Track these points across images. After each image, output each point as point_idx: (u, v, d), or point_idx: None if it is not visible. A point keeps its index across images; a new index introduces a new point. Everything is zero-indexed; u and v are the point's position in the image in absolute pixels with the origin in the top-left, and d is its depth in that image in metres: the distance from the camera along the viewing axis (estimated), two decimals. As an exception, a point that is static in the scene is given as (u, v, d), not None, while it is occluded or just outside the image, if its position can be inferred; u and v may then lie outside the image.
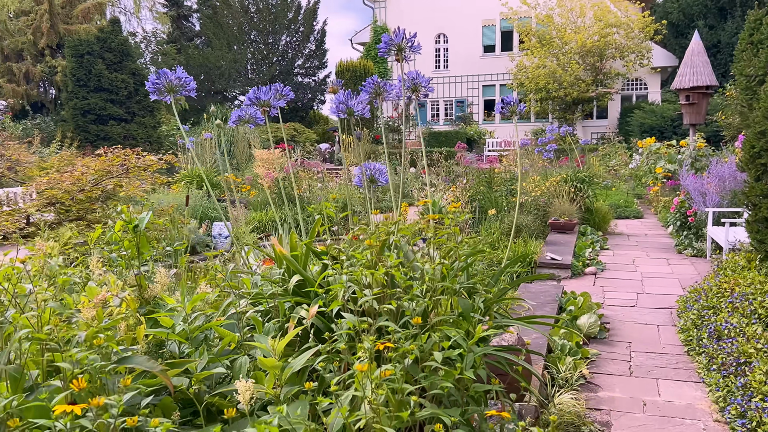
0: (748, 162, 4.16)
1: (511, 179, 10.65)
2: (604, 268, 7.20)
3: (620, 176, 15.38)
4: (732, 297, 4.04)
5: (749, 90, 3.74)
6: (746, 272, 4.45)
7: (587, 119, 26.25)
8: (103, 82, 16.60)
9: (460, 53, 27.92)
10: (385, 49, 2.16)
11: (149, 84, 2.07)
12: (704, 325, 4.16)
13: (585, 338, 4.60)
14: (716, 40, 23.35)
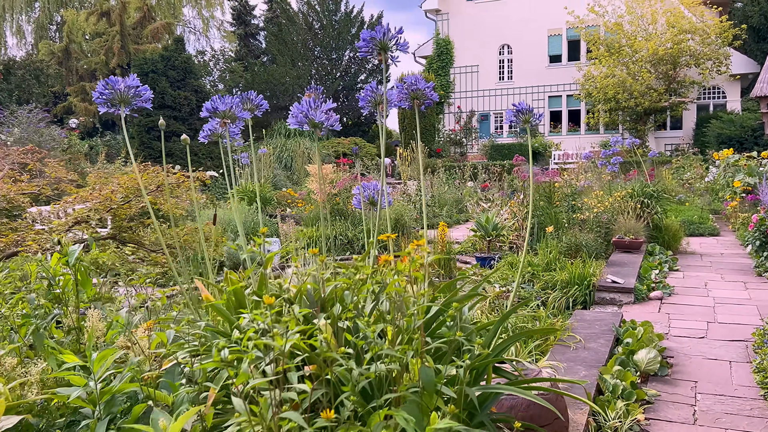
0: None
1: (573, 194, 10.07)
2: (671, 292, 6.56)
3: (695, 190, 14.40)
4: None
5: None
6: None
7: (660, 130, 25.01)
8: (167, 99, 16.99)
9: (525, 64, 27.25)
10: (366, 48, 1.84)
11: (96, 94, 1.83)
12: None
13: (643, 376, 4.09)
14: (803, 44, 21.79)
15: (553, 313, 6.01)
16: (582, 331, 4.69)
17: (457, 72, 28.56)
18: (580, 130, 26.73)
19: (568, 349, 4.26)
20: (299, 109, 1.66)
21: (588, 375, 3.73)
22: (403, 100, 1.98)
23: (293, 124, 1.70)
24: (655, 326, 5.28)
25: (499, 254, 8.70)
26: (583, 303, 6.26)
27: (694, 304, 6.07)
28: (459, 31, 28.18)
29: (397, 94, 1.96)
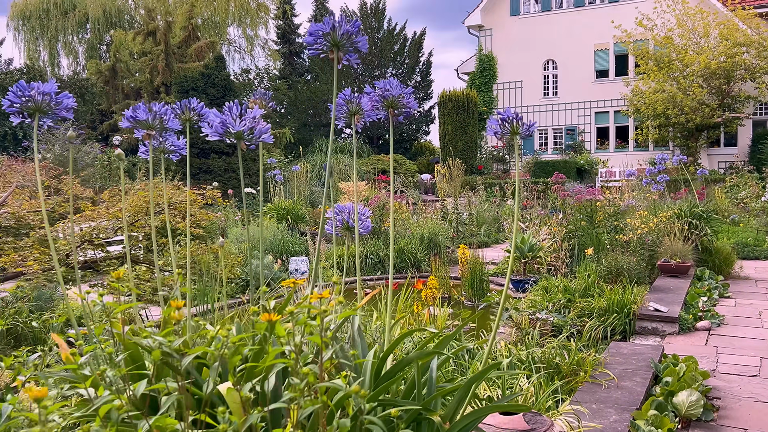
0: None
1: (616, 214, 9.56)
2: (721, 322, 6.02)
3: (750, 210, 13.59)
4: None
5: None
6: None
7: (713, 147, 23.98)
8: (207, 116, 17.12)
9: (570, 79, 26.63)
10: (315, 44, 1.56)
11: (5, 101, 1.59)
12: None
13: (684, 421, 3.64)
14: None
15: (590, 343, 5.58)
16: (617, 366, 4.26)
17: (501, 88, 28.13)
18: (628, 147, 25.88)
19: (599, 387, 3.84)
20: (218, 118, 1.38)
21: (619, 420, 3.32)
22: (377, 109, 1.69)
23: (211, 135, 1.43)
24: (700, 361, 4.80)
25: (535, 277, 8.26)
26: (622, 332, 5.80)
27: (747, 336, 5.53)
28: (502, 46, 27.79)
29: (367, 102, 1.67)
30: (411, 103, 1.70)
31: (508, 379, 3.45)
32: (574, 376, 4.03)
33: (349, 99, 1.77)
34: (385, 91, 1.64)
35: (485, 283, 8.50)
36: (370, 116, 1.76)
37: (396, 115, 1.71)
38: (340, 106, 1.76)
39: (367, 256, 10.35)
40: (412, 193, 20.31)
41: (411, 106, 1.71)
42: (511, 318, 5.24)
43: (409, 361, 1.52)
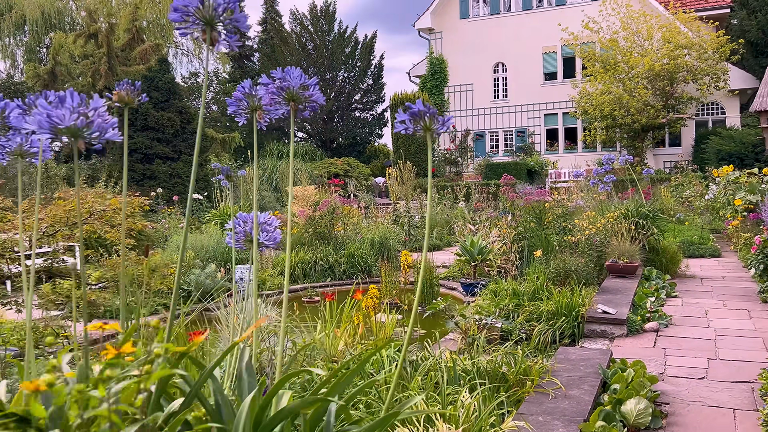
0: None
1: (564, 215, 9.54)
2: (668, 322, 5.99)
3: (694, 209, 13.86)
4: (838, 386, 2.90)
5: None
6: None
7: (658, 147, 24.54)
8: (150, 120, 16.56)
9: (520, 81, 26.89)
10: (182, 20, 1.32)
11: None
12: (798, 421, 3.02)
13: (632, 430, 3.51)
14: (802, 58, 21.38)
15: (539, 347, 5.46)
16: (565, 374, 4.12)
17: (452, 91, 28.21)
18: (577, 148, 26.27)
19: (546, 397, 3.69)
20: (45, 111, 1.14)
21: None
22: (278, 103, 1.47)
23: (39, 132, 1.18)
24: (649, 364, 4.72)
25: (485, 280, 8.15)
26: (571, 336, 5.69)
27: (694, 336, 5.50)
28: (453, 49, 27.87)
29: (265, 94, 1.44)
30: (316, 96, 1.48)
31: (450, 395, 3.26)
32: (521, 386, 3.87)
33: (249, 92, 1.54)
34: (284, 81, 1.41)
35: (435, 288, 8.36)
36: (274, 113, 1.53)
37: (300, 110, 1.48)
38: (239, 101, 1.53)
39: (316, 262, 10.08)
40: (365, 197, 20.13)
41: (316, 99, 1.49)
42: (457, 325, 5.07)
43: (289, 412, 1.28)
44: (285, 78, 1.41)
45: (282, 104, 1.47)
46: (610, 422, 3.31)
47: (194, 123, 17.26)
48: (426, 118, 1.28)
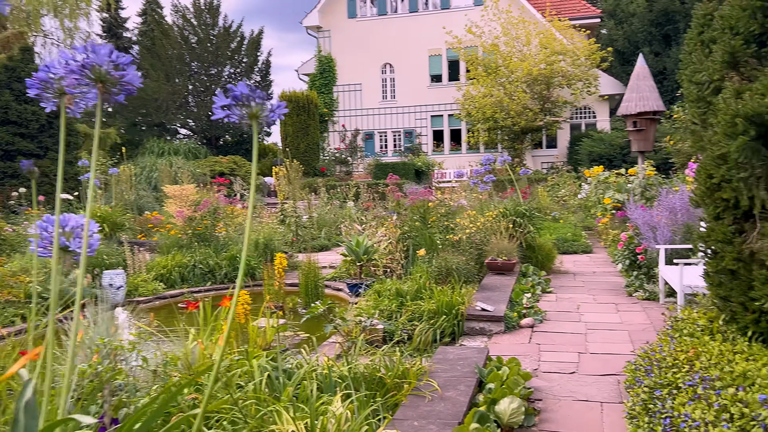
0: (704, 196, 3.19)
1: (447, 214, 9.67)
2: (543, 318, 6.18)
3: (568, 207, 14.60)
4: (693, 378, 3.02)
5: (702, 101, 2.79)
6: (707, 338, 3.45)
7: (537, 149, 25.77)
8: (11, 114, 15.19)
9: (407, 83, 27.29)
10: None
11: None
12: (657, 413, 3.12)
13: (506, 430, 3.52)
14: (662, 67, 23.21)
15: (420, 347, 5.43)
16: (442, 375, 4.08)
17: (341, 90, 28.15)
18: (461, 149, 27.04)
19: (423, 400, 3.62)
20: None
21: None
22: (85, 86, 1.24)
23: None
24: (524, 360, 4.81)
25: (370, 280, 8.08)
26: (451, 335, 5.72)
27: (566, 331, 5.69)
28: (341, 48, 27.81)
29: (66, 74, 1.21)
30: (131, 76, 1.26)
31: (324, 404, 3.10)
32: (398, 390, 3.79)
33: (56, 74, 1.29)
34: (89, 59, 1.19)
35: (321, 289, 8.18)
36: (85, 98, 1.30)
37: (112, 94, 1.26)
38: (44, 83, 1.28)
39: (195, 265, 9.59)
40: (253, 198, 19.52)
41: (131, 80, 1.27)
42: (337, 329, 4.93)
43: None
44: (91, 55, 1.19)
45: (91, 86, 1.24)
46: (484, 423, 3.28)
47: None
48: (252, 103, 1.11)
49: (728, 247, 3.02)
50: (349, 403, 3.13)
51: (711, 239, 3.21)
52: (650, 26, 24.99)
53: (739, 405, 2.44)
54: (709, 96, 2.87)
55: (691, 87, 3.03)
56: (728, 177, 2.68)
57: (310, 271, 7.88)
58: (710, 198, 3.12)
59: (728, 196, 2.77)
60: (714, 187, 3.00)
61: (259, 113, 1.16)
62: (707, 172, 2.94)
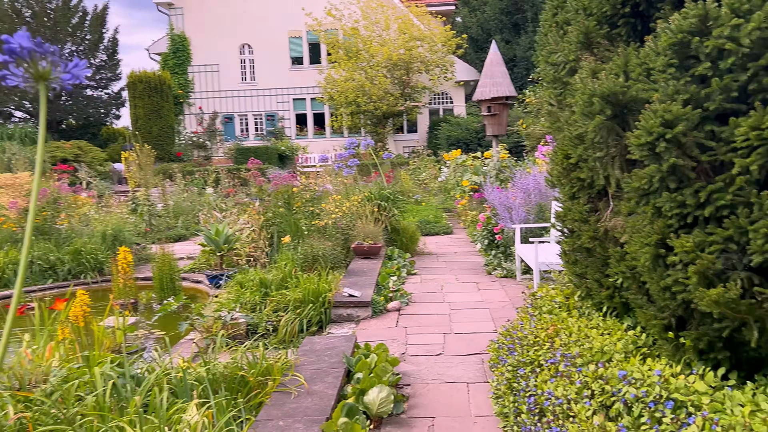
0: (560, 176, 3.25)
1: (312, 199, 9.47)
2: (409, 300, 6.20)
3: (430, 190, 14.96)
4: (555, 355, 3.08)
5: (558, 82, 2.82)
6: (564, 314, 3.57)
7: (398, 133, 26.20)
8: None
9: (268, 65, 26.56)
10: None
11: None
12: (521, 391, 3.16)
13: (376, 421, 3.42)
14: (512, 54, 24.41)
15: (286, 339, 5.22)
16: (309, 367, 3.91)
17: (197, 71, 26.83)
18: (325, 134, 26.87)
19: (288, 397, 3.43)
20: None
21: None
22: None
23: None
24: (392, 345, 4.76)
25: (232, 270, 7.70)
26: (319, 323, 5.57)
27: (432, 312, 5.74)
28: (196, 27, 26.46)
29: None
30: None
31: (174, 415, 2.81)
32: (262, 388, 3.56)
33: None
34: None
35: (177, 282, 7.68)
36: None
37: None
38: None
39: (33, 261, 8.64)
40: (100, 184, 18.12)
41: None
42: (193, 326, 4.59)
43: None
44: None
45: None
46: (353, 416, 3.16)
47: None
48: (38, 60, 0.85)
49: (584, 225, 3.10)
50: (206, 408, 2.87)
51: (567, 218, 3.29)
52: (501, 14, 26.20)
53: (600, 381, 2.50)
54: (565, 77, 2.91)
55: (548, 68, 3.06)
56: (585, 156, 2.72)
57: (165, 264, 7.36)
58: (566, 178, 3.19)
59: (585, 176, 2.83)
60: (570, 167, 3.06)
61: (48, 74, 0.90)
62: (564, 153, 2.99)
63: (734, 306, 2.05)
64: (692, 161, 2.16)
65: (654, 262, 2.43)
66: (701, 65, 2.10)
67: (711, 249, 2.14)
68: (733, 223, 2.06)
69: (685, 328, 2.51)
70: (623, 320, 3.17)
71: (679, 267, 2.28)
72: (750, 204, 2.04)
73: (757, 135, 1.95)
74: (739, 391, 2.23)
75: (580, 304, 3.62)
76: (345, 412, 3.17)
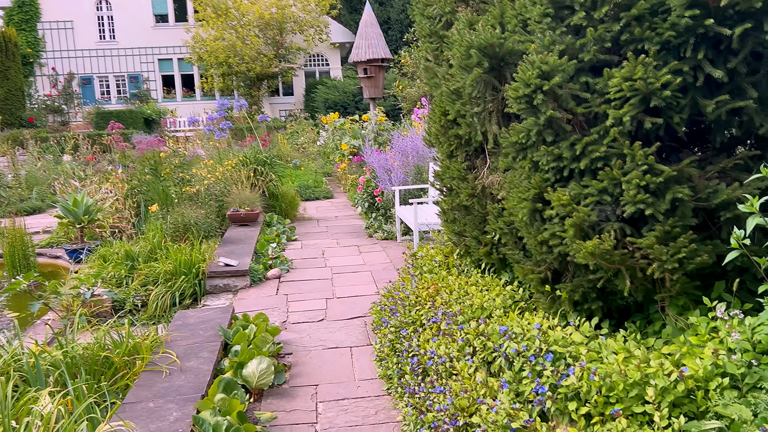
0: (438, 134, 3.20)
1: (182, 165, 8.95)
2: (290, 267, 6.03)
3: (309, 155, 14.69)
4: (436, 314, 3.07)
5: (435, 36, 2.73)
6: (445, 272, 3.58)
7: (274, 96, 25.49)
8: None
9: (129, 22, 24.68)
10: None
11: None
12: (405, 352, 3.13)
13: (257, 393, 3.27)
14: (386, 16, 24.34)
15: (157, 314, 4.89)
16: (182, 343, 3.66)
17: (48, 28, 24.43)
18: (195, 96, 25.59)
19: (159, 376, 3.18)
20: None
21: (181, 418, 2.72)
22: None
23: None
24: (273, 314, 4.59)
25: (95, 243, 7.12)
26: (193, 296, 5.28)
27: (313, 278, 5.61)
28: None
29: None
30: None
31: (25, 405, 2.49)
32: (129, 368, 3.29)
33: None
34: None
35: (31, 259, 6.99)
36: None
37: None
38: None
39: None
40: None
41: None
42: (48, 305, 4.16)
43: None
44: None
45: None
46: (230, 392, 2.98)
47: None
48: None
49: (462, 183, 3.08)
50: (62, 396, 2.58)
51: (446, 177, 3.25)
52: (375, -24, 25.96)
53: (482, 338, 2.49)
54: (441, 30, 2.82)
55: (424, 21, 2.96)
56: (463, 112, 2.67)
57: (17, 239, 6.67)
58: (444, 136, 3.14)
59: (463, 132, 2.78)
60: (448, 124, 3.00)
61: None
62: (442, 109, 2.92)
63: (608, 257, 2.09)
64: (568, 113, 2.16)
65: (531, 217, 2.44)
66: (576, 15, 2.08)
67: (586, 201, 2.16)
68: (607, 174, 2.08)
69: (560, 281, 2.55)
70: (501, 276, 3.21)
71: (556, 221, 2.30)
72: (623, 155, 2.06)
73: (630, 86, 1.96)
74: (612, 338, 2.30)
75: (460, 262, 3.64)
76: (222, 388, 2.98)
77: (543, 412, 2.13)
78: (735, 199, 2.00)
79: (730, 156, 2.14)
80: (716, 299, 2.13)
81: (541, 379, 2.14)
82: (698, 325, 2.04)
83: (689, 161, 2.05)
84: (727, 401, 1.72)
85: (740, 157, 2.06)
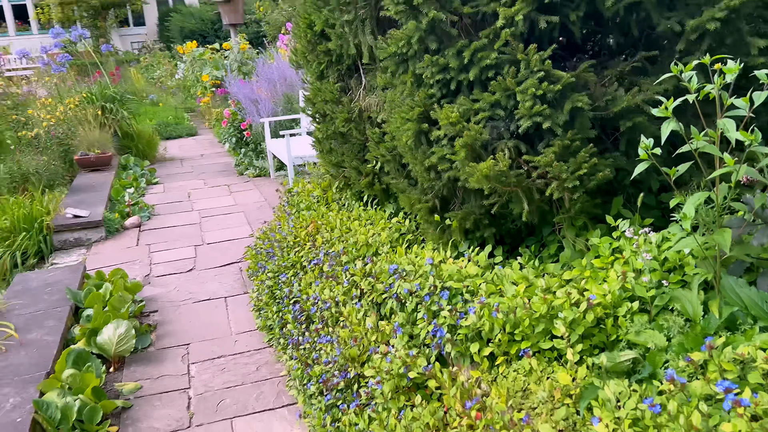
0: (306, 51, 2.81)
1: (16, 106, 7.84)
2: (151, 213, 5.45)
3: (167, 89, 13.54)
4: (318, 255, 2.76)
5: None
6: (324, 208, 3.26)
7: (123, 27, 23.24)
8: None
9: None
10: None
11: None
12: (285, 298, 2.83)
13: (117, 361, 2.84)
14: (243, -62, 22.63)
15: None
16: (24, 311, 3.13)
17: None
18: (32, 29, 22.78)
19: None
20: None
21: (20, 404, 2.27)
22: None
23: None
24: (133, 268, 4.09)
25: None
26: (39, 254, 4.61)
27: (179, 224, 5.10)
28: None
29: None
30: None
31: None
32: (-47, 351, 2.73)
33: None
34: None
35: None
36: None
37: None
38: None
39: None
40: None
41: None
42: None
43: None
44: None
45: None
46: (83, 365, 2.55)
47: None
48: None
49: (337, 107, 2.74)
50: None
51: (318, 100, 2.89)
52: None
53: (370, 279, 2.23)
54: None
55: None
56: (332, 21, 2.29)
57: None
58: (313, 54, 2.76)
59: (333, 47, 2.41)
60: (316, 39, 2.62)
61: None
62: (307, 21, 2.53)
63: (504, 179, 1.87)
64: (453, 15, 1.86)
65: (416, 140, 2.16)
66: None
67: (478, 118, 1.90)
68: (499, 85, 1.82)
69: (449, 210, 2.33)
70: (385, 208, 2.95)
71: (444, 142, 2.03)
72: (517, 62, 1.81)
73: (523, -21, 1.68)
74: (508, 266, 2.12)
75: (340, 196, 3.34)
76: (72, 362, 2.54)
77: (441, 355, 1.92)
78: (634, 106, 1.82)
79: (627, 59, 1.95)
80: (616, 217, 1.98)
81: (438, 320, 1.92)
82: (600, 246, 1.88)
83: (586, 65, 1.84)
84: (638, 327, 1.57)
85: (638, 59, 1.87)
